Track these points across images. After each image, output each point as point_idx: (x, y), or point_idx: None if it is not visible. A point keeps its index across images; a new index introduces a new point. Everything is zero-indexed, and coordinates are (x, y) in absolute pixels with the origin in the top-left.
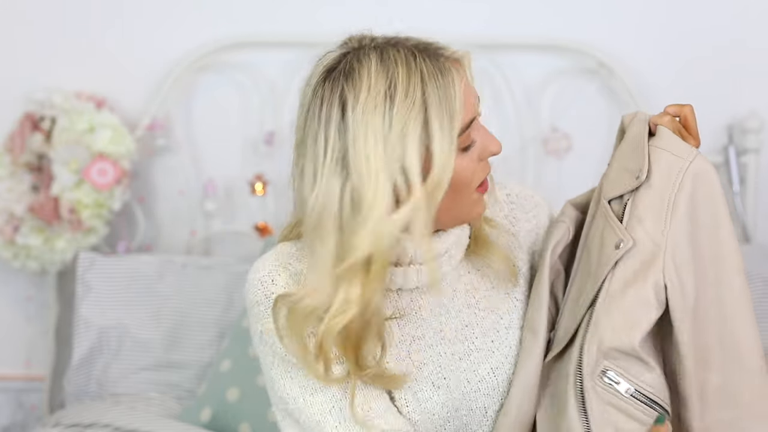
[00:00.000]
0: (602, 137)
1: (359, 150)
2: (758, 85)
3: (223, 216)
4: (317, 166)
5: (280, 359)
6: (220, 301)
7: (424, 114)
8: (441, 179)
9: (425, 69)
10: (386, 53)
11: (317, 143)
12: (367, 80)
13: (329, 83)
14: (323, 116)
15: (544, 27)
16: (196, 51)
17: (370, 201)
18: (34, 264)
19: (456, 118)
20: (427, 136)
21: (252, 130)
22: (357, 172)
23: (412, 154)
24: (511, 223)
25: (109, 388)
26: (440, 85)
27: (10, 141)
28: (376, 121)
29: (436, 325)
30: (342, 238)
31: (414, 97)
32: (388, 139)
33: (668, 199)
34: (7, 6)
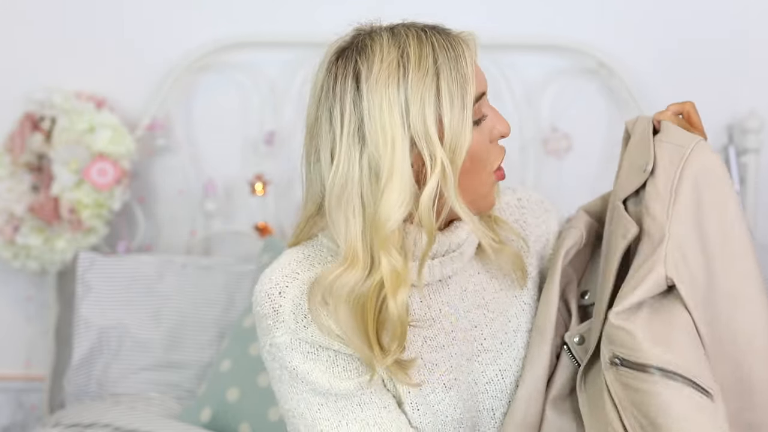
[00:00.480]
0: (602, 137)
1: (375, 119)
2: (758, 85)
3: (223, 216)
4: (335, 141)
5: (288, 373)
6: (220, 301)
7: (437, 82)
8: (458, 145)
9: (436, 41)
10: (397, 30)
11: (333, 118)
12: (380, 52)
13: (342, 60)
14: (338, 91)
15: (544, 27)
16: (196, 51)
17: (388, 169)
18: (34, 264)
19: (468, 87)
20: (439, 104)
21: (252, 130)
22: (374, 141)
23: (428, 121)
24: (521, 227)
25: (109, 388)
26: (451, 56)
27: (10, 141)
28: (390, 90)
29: (447, 326)
30: (368, 208)
31: (426, 65)
32: (403, 108)
33: (670, 188)
34: (7, 6)
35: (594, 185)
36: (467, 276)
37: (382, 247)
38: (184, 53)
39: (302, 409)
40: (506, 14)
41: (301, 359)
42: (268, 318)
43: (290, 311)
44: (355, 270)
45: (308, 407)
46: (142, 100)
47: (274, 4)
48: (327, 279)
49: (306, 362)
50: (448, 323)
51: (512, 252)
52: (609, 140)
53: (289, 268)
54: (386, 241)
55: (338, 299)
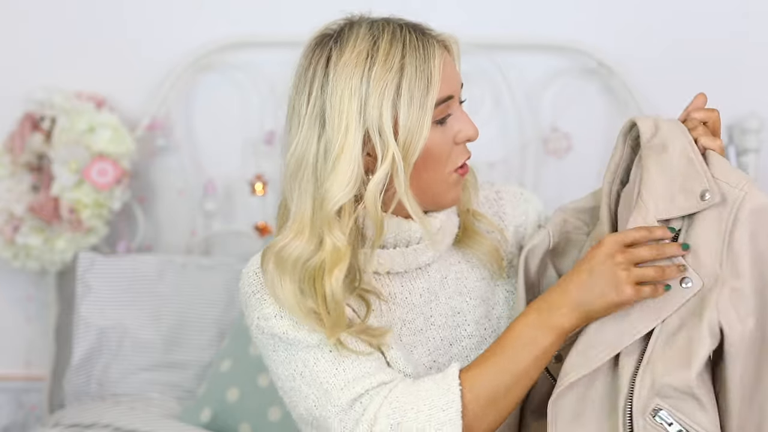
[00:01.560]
0: (602, 137)
1: (335, 105)
2: (758, 85)
3: (223, 216)
4: (300, 119)
5: (280, 340)
6: (220, 301)
7: (399, 79)
8: (412, 143)
9: (408, 39)
10: (376, 23)
11: (301, 98)
12: (353, 42)
13: (320, 47)
14: (309, 74)
15: (544, 27)
16: (196, 51)
17: (337, 152)
18: (34, 264)
19: (432, 88)
20: (398, 100)
21: (252, 130)
22: (331, 125)
23: (384, 115)
24: (500, 218)
25: (109, 388)
26: (420, 56)
27: (10, 141)
28: (354, 79)
29: (426, 311)
30: (318, 187)
31: (393, 61)
32: (363, 98)
33: (724, 231)
34: (7, 6)
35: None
36: (448, 264)
37: (326, 225)
38: (184, 53)
39: (300, 369)
40: (506, 14)
41: (290, 324)
42: (257, 293)
43: None
44: (301, 239)
45: (305, 364)
46: (142, 100)
47: (274, 4)
48: (277, 245)
49: (295, 325)
50: (427, 308)
51: (489, 244)
52: (609, 140)
53: None
54: (330, 221)
55: (284, 267)
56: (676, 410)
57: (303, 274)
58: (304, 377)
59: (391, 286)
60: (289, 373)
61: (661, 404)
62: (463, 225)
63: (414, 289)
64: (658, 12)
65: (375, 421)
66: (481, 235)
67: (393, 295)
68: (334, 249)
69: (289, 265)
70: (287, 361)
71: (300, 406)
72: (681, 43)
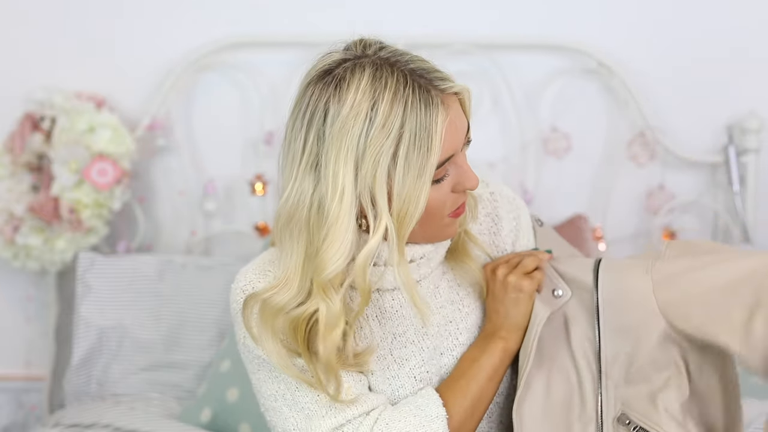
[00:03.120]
0: (602, 137)
1: (329, 164)
2: (758, 85)
3: (223, 216)
4: (294, 165)
5: (264, 361)
6: (220, 301)
7: (395, 146)
8: (407, 214)
9: (410, 101)
10: (380, 72)
11: (296, 143)
12: (353, 96)
13: (320, 86)
14: (306, 119)
15: (544, 27)
16: (196, 51)
17: (332, 220)
18: (34, 264)
19: (432, 156)
20: (394, 169)
21: (252, 130)
22: (325, 184)
23: (378, 183)
24: (493, 220)
25: (109, 388)
26: (421, 121)
27: (10, 141)
28: (350, 141)
29: (417, 322)
30: (311, 245)
31: (392, 127)
32: (357, 162)
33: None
34: (7, 6)
35: (594, 185)
36: (439, 274)
37: (320, 290)
38: (184, 53)
39: (283, 391)
40: (506, 14)
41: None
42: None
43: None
44: (289, 291)
45: (287, 386)
46: (142, 100)
47: (274, 5)
48: (262, 295)
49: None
50: (418, 320)
51: (476, 268)
52: (609, 140)
53: (262, 267)
54: (325, 285)
55: (266, 316)
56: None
57: (285, 323)
58: (286, 400)
59: (381, 300)
60: (271, 393)
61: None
62: (456, 243)
63: (405, 302)
64: (659, 12)
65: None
66: (470, 258)
67: (383, 310)
68: (330, 313)
69: (271, 314)
70: (270, 381)
71: (279, 427)
72: (681, 43)
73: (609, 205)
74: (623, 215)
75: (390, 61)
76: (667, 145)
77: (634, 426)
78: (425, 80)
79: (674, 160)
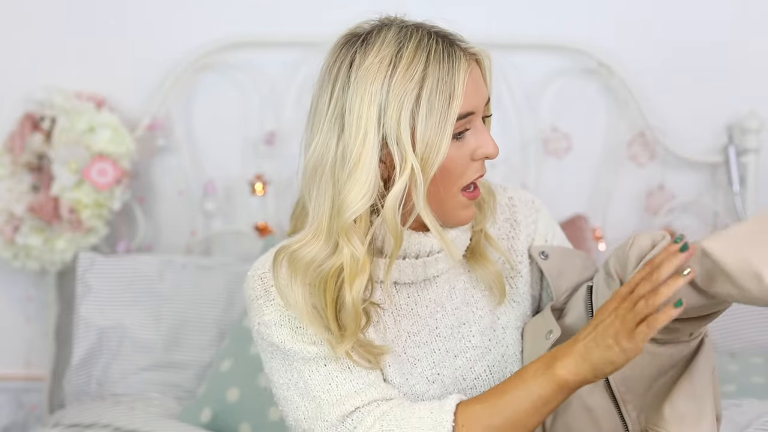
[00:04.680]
0: (602, 137)
1: (354, 109)
2: (758, 85)
3: (223, 216)
4: (319, 119)
5: (278, 349)
6: (220, 301)
7: (419, 89)
8: (430, 156)
9: (434, 49)
10: (406, 28)
11: (323, 97)
12: (378, 46)
13: (347, 46)
14: (333, 73)
15: (544, 27)
16: (196, 51)
17: (354, 160)
18: (34, 264)
19: (454, 102)
20: (417, 111)
21: (252, 130)
22: (349, 130)
23: (402, 125)
24: (512, 226)
25: (109, 388)
26: (443, 68)
27: (10, 141)
28: (374, 85)
29: (431, 322)
30: (336, 192)
31: (415, 70)
32: (382, 105)
33: None
34: (7, 6)
35: (594, 185)
36: (456, 274)
37: (343, 233)
38: (184, 53)
39: (295, 379)
40: (506, 14)
41: (288, 334)
42: (260, 298)
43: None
44: (317, 242)
45: (300, 375)
46: (142, 100)
47: (274, 4)
48: (292, 246)
49: (294, 337)
50: (432, 320)
51: (494, 270)
52: (609, 140)
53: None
54: (348, 229)
55: (297, 269)
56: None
57: (314, 278)
58: (298, 388)
59: (398, 297)
60: (284, 381)
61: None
62: (473, 245)
63: (420, 300)
64: (659, 12)
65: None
66: (488, 260)
67: (399, 306)
68: (353, 259)
69: (301, 267)
70: (283, 369)
71: (290, 416)
72: (681, 43)
73: (609, 205)
74: (623, 215)
75: (415, 24)
76: (667, 145)
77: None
78: (448, 39)
79: (674, 160)
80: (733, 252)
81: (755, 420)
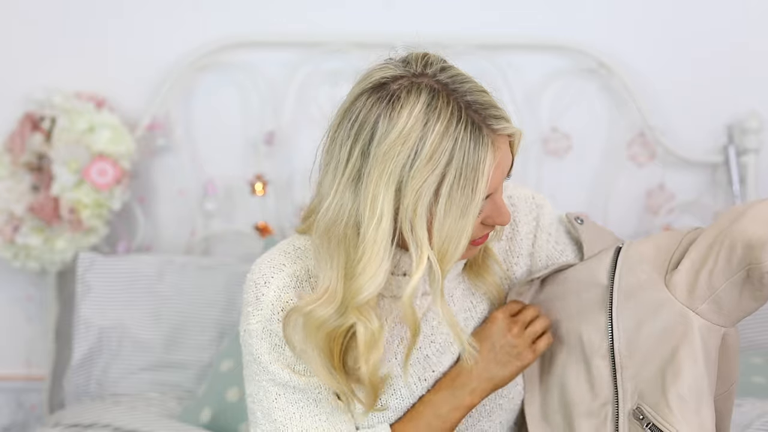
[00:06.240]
0: (602, 137)
1: (370, 185)
2: (758, 85)
3: (223, 216)
4: (337, 175)
5: (254, 360)
6: (220, 301)
7: (439, 183)
8: (448, 251)
9: (461, 137)
10: (435, 100)
11: (341, 153)
12: (404, 121)
13: (373, 99)
14: (354, 132)
15: (544, 27)
16: (196, 51)
17: (370, 241)
18: (34, 264)
19: (476, 197)
20: (435, 204)
21: (252, 130)
22: (364, 203)
23: (420, 215)
24: (510, 225)
25: (109, 388)
26: (468, 161)
27: (10, 141)
28: (394, 167)
29: (426, 330)
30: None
31: (438, 162)
32: (399, 191)
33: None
34: (7, 6)
35: (594, 185)
36: (456, 283)
37: (355, 311)
38: (185, 53)
39: (261, 396)
40: (506, 14)
41: (267, 349)
42: (250, 305)
43: (270, 302)
44: (330, 306)
45: (266, 395)
46: (142, 100)
47: (273, 4)
48: (305, 308)
49: (270, 353)
50: (428, 328)
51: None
52: (609, 140)
53: (278, 259)
54: (362, 308)
55: (310, 330)
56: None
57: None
58: (262, 406)
59: (395, 306)
60: (251, 392)
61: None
62: (475, 258)
63: (418, 309)
64: (658, 12)
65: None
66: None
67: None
68: (368, 332)
69: (314, 328)
70: (254, 382)
71: (251, 428)
72: (681, 43)
73: (609, 205)
74: (623, 215)
75: (448, 89)
76: (667, 145)
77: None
78: (480, 117)
79: (674, 160)
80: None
81: (756, 420)
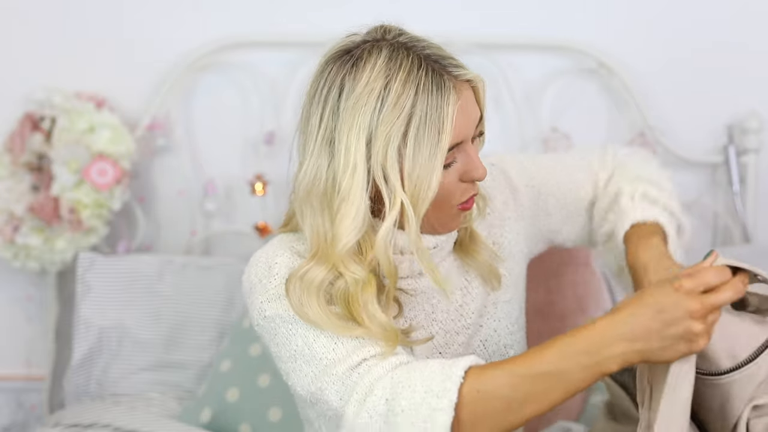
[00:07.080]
0: (602, 137)
1: (343, 139)
2: (758, 85)
3: (223, 216)
4: (309, 141)
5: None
6: (220, 301)
7: (405, 126)
8: (420, 192)
9: (423, 81)
10: (396, 53)
11: (312, 119)
12: (368, 74)
13: (338, 64)
14: (323, 95)
15: (544, 27)
16: (196, 51)
17: (344, 194)
18: (34, 264)
19: (443, 138)
20: (404, 147)
21: (252, 130)
22: (338, 158)
23: (389, 160)
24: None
25: (109, 388)
26: (431, 103)
27: (10, 141)
28: (362, 117)
29: (427, 307)
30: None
31: (403, 105)
32: (370, 139)
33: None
34: (7, 6)
35: None
36: (451, 260)
37: (340, 262)
38: (184, 53)
39: (300, 347)
40: (506, 14)
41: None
42: (263, 278)
43: (285, 264)
44: (322, 267)
45: (305, 342)
46: (142, 100)
47: (273, 4)
48: (299, 272)
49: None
50: (429, 305)
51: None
52: (609, 140)
53: (282, 243)
54: (344, 258)
55: (310, 291)
56: None
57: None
58: (304, 355)
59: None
60: (289, 353)
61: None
62: (460, 239)
63: (417, 288)
64: (658, 12)
65: (371, 391)
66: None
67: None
68: (355, 282)
69: (314, 289)
70: (287, 341)
71: (298, 385)
72: (681, 42)
73: None
74: None
75: (407, 45)
76: (667, 145)
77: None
78: (439, 65)
79: (674, 160)
80: None
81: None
